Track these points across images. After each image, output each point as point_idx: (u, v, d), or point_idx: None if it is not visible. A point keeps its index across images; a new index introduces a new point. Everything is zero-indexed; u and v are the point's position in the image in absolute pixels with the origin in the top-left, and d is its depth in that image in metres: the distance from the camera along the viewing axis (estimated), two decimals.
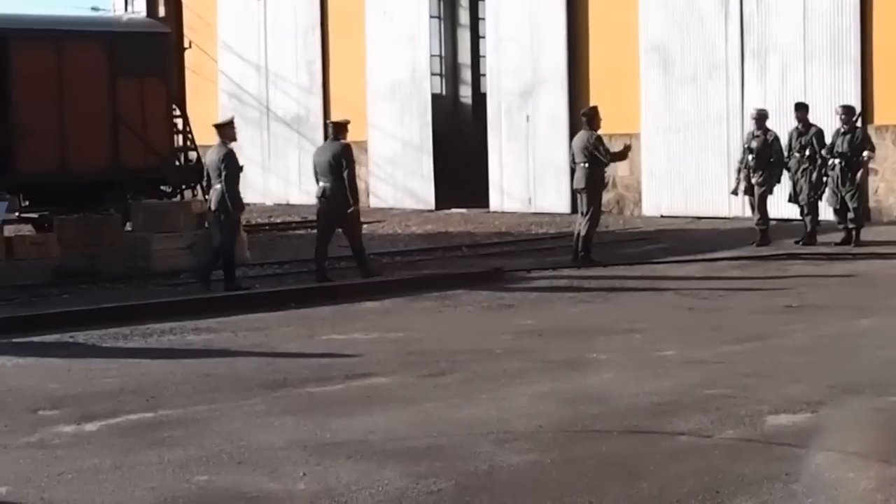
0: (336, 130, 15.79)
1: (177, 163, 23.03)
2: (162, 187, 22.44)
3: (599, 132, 16.89)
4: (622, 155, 17.45)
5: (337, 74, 31.33)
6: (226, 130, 15.20)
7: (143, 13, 24.58)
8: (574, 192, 17.51)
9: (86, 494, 6.53)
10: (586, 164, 16.66)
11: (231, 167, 14.72)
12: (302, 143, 31.92)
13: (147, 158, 21.68)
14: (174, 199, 22.01)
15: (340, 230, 15.59)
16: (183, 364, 10.30)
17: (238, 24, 33.53)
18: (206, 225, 16.03)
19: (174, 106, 22.84)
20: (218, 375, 9.72)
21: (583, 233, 16.74)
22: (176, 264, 16.56)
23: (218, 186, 14.67)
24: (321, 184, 15.39)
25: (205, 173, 15.34)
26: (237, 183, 14.77)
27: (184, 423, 8.08)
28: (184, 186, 22.99)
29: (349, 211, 15.17)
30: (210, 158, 15.09)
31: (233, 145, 15.23)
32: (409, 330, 11.90)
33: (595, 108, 17.20)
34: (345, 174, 15.11)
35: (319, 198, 15.48)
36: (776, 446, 7.08)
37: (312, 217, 26.85)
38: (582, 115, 17.32)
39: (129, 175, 21.44)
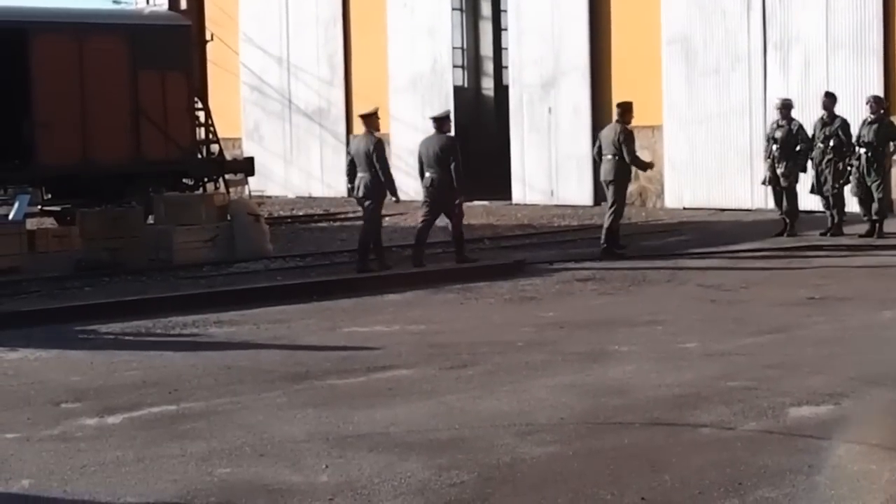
0: (440, 123, 16.31)
1: (199, 155, 23.08)
2: (184, 180, 22.50)
3: (630, 127, 16.93)
4: (643, 165, 17.46)
5: (358, 67, 31.36)
6: (372, 120, 15.98)
7: (165, 6, 24.61)
8: (602, 184, 17.53)
9: (108, 487, 6.56)
10: (616, 157, 16.71)
11: (382, 156, 15.62)
12: (324, 136, 31.98)
13: (169, 151, 21.74)
14: (196, 192, 22.05)
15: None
16: (205, 357, 10.33)
17: (259, 16, 33.58)
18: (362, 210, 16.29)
19: (196, 98, 22.88)
20: (240, 368, 9.75)
21: (606, 224, 16.75)
22: (198, 257, 16.62)
23: (364, 174, 15.39)
24: (427, 174, 16.04)
25: (348, 161, 16.08)
26: (389, 169, 15.66)
27: (206, 416, 8.12)
28: (206, 179, 23.05)
29: (457, 201, 15.90)
30: (356, 147, 15.89)
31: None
32: (430, 322, 11.91)
33: (630, 104, 17.21)
34: (452, 166, 15.76)
35: (427, 188, 16.12)
36: (799, 438, 7.07)
37: (335, 209, 27.07)
38: (617, 107, 17.40)
39: (150, 168, 21.50)
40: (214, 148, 23.54)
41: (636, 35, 24.85)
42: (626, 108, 17.05)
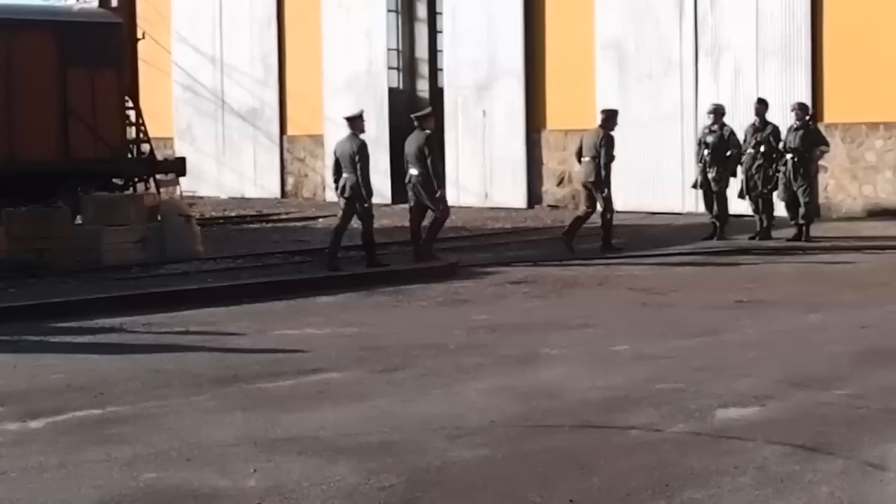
0: (421, 121, 16.70)
1: (129, 155, 22.83)
2: (114, 180, 22.24)
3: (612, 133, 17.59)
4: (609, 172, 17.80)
5: (293, 67, 31.23)
6: (357, 122, 16.12)
7: (95, 3, 24.32)
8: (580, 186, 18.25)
9: (30, 493, 6.45)
10: (595, 159, 17.37)
11: (365, 158, 15.81)
12: (257, 137, 31.81)
13: (98, 150, 21.43)
14: (126, 192, 21.82)
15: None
16: (132, 360, 10.23)
17: (192, 15, 33.34)
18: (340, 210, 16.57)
19: (126, 97, 22.63)
20: (168, 371, 9.66)
21: (601, 222, 17.49)
22: (127, 258, 16.44)
23: (350, 175, 15.73)
24: (410, 171, 16.51)
25: (334, 162, 16.24)
26: (368, 173, 15.96)
27: (132, 420, 8.02)
28: (136, 179, 22.81)
29: (437, 196, 16.31)
30: (342, 149, 16.02)
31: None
32: (363, 325, 11.88)
33: (615, 111, 17.99)
34: (427, 162, 16.21)
35: (408, 184, 16.60)
36: (725, 440, 7.13)
37: (268, 210, 26.92)
38: (601, 112, 18.08)
39: (79, 167, 21.18)
40: (145, 147, 23.29)
41: (570, 40, 25.00)
42: (609, 115, 17.76)
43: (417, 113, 17.34)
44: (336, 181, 16.25)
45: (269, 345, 10.84)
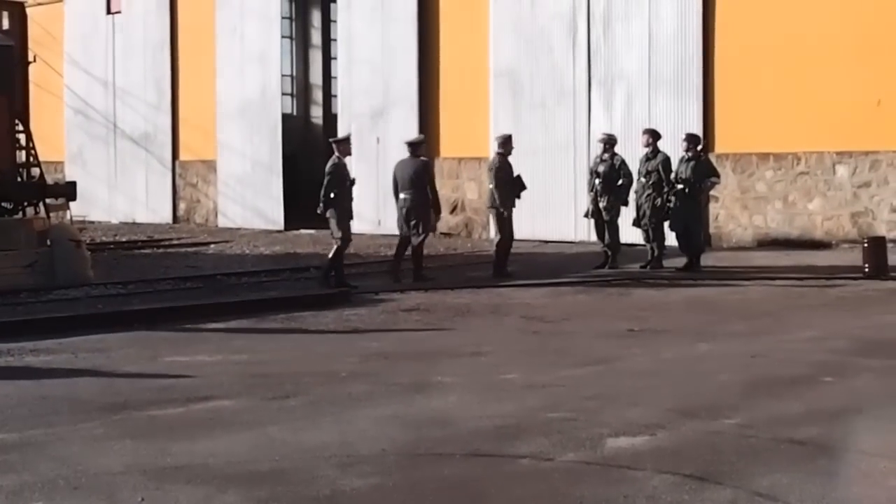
0: (414, 148, 17.67)
1: (18, 179, 22.42)
2: (3, 204, 21.82)
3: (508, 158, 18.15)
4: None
5: (186, 92, 31.04)
6: (343, 145, 17.32)
7: None
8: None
9: None
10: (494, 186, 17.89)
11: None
12: (149, 161, 31.51)
13: None
14: (15, 217, 21.41)
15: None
16: (20, 386, 10.03)
17: (85, 38, 32.98)
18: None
19: (17, 121, 22.25)
20: (56, 398, 9.49)
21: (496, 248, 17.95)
22: (16, 283, 16.14)
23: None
24: (402, 195, 17.36)
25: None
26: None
27: (19, 448, 7.87)
28: (26, 203, 22.40)
29: (433, 221, 17.46)
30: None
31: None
32: (254, 352, 11.79)
33: (509, 136, 18.62)
34: (427, 188, 17.29)
35: (401, 208, 17.43)
36: (615, 469, 7.19)
37: (159, 236, 26.63)
38: (496, 138, 18.75)
39: None
40: (35, 171, 22.91)
41: (465, 67, 25.18)
42: (504, 140, 18.31)
43: (410, 139, 18.25)
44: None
45: (160, 371, 10.71)
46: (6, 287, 15.94)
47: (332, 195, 16.73)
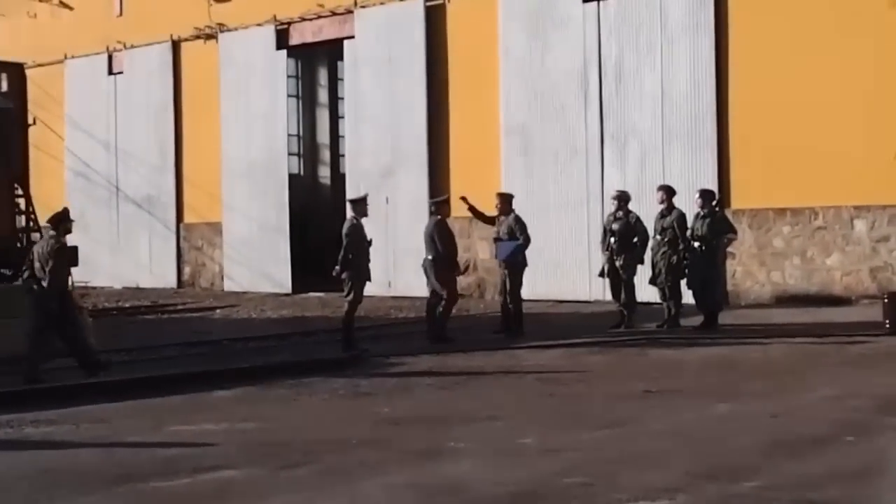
0: (437, 207, 18.19)
1: (18, 244, 22.54)
2: (2, 270, 21.91)
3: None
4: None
5: (191, 153, 31.21)
6: (360, 205, 17.47)
7: None
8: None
9: None
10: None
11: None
12: (153, 224, 31.60)
13: None
14: (16, 283, 21.46)
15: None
16: (20, 458, 10.02)
17: (86, 100, 33.21)
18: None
19: (16, 185, 22.40)
20: (57, 471, 9.47)
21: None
22: (17, 351, 16.12)
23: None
24: (426, 256, 17.82)
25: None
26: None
27: None
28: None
29: (449, 279, 17.66)
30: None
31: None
32: (261, 420, 11.77)
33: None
34: (438, 247, 17.56)
35: (423, 267, 17.92)
36: None
37: (163, 301, 26.66)
38: (497, 195, 18.97)
39: None
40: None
41: (475, 125, 25.31)
42: (504, 198, 18.66)
43: (434, 199, 18.82)
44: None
45: (164, 441, 10.68)
46: (8, 354, 15.92)
47: (350, 256, 16.74)
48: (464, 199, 18.53)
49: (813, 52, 21.10)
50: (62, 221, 15.32)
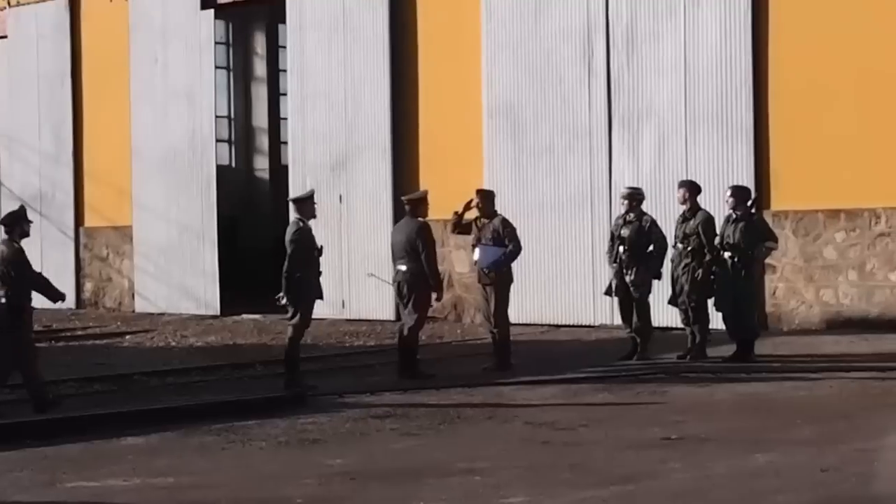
0: (414, 206, 17.86)
1: None
2: None
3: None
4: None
5: (93, 139, 31.16)
6: (306, 205, 17.35)
7: None
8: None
9: None
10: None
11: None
12: (46, 229, 31.47)
13: None
14: None
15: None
16: None
17: None
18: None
19: None
20: None
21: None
22: None
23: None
24: (397, 267, 17.59)
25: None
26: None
27: None
28: None
29: (434, 299, 17.70)
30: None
31: None
32: (182, 474, 11.78)
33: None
34: (422, 256, 17.25)
35: (396, 283, 17.68)
36: None
37: (58, 326, 26.57)
38: (477, 192, 19.05)
39: None
40: None
41: (451, 103, 25.26)
42: (485, 195, 18.72)
43: (409, 196, 18.47)
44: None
45: (59, 501, 10.70)
46: None
47: (297, 274, 16.66)
48: (468, 204, 18.49)
49: (877, 14, 21.08)
50: (18, 222, 15.36)
